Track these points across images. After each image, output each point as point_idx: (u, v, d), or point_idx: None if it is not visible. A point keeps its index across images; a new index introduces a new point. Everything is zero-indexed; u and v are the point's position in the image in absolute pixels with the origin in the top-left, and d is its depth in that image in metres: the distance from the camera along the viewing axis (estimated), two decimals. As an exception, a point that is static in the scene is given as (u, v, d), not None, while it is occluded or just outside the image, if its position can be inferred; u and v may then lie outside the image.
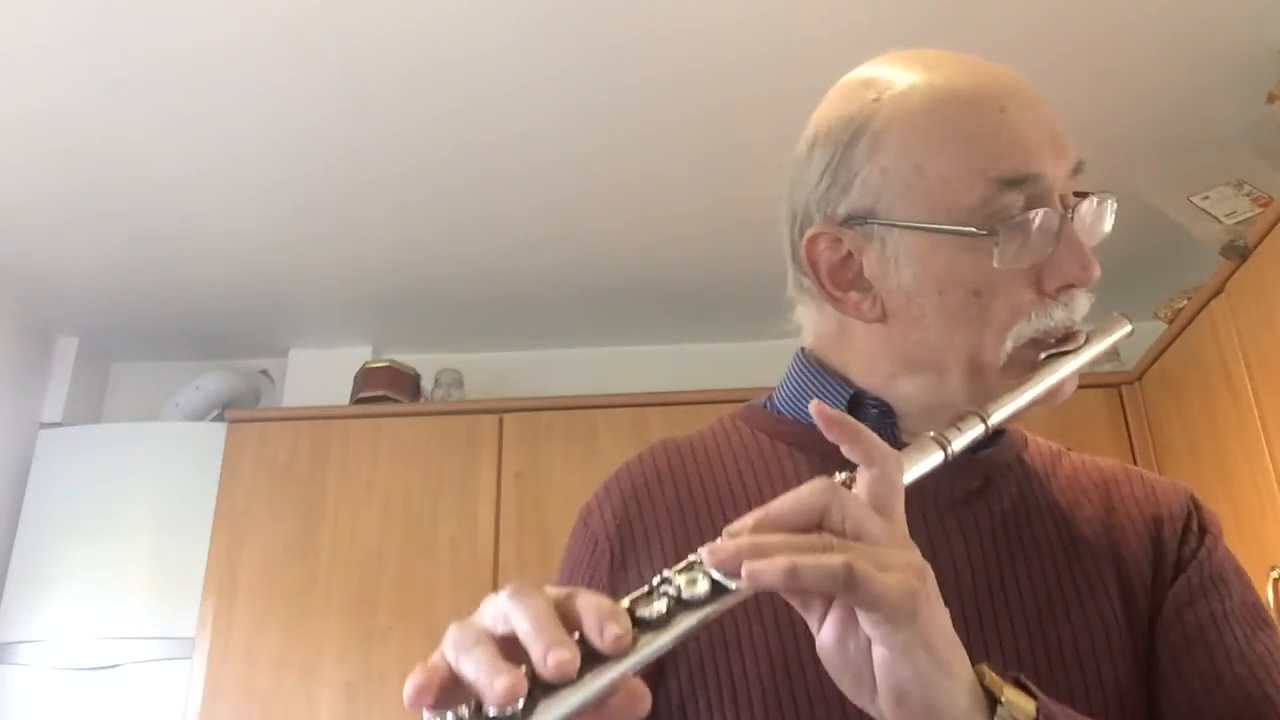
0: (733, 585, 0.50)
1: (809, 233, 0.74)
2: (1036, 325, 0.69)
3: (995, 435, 0.75)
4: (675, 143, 2.21)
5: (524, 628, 0.47)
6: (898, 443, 0.72)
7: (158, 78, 1.98)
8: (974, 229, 0.68)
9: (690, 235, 2.56)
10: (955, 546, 0.70)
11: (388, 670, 2.38)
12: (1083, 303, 0.71)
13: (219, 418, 2.83)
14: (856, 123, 0.72)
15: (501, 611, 0.49)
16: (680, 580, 0.51)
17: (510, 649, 0.47)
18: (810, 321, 0.79)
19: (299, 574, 2.50)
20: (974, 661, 0.55)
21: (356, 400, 2.78)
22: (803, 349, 0.81)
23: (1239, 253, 1.97)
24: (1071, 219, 0.70)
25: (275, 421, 2.71)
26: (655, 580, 0.51)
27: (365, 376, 2.82)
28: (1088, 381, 2.57)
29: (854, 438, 0.55)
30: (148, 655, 2.53)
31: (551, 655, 0.46)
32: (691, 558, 0.52)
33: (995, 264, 0.68)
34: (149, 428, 2.85)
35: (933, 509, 0.70)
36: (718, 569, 0.51)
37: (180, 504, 2.62)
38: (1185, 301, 2.25)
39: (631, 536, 0.74)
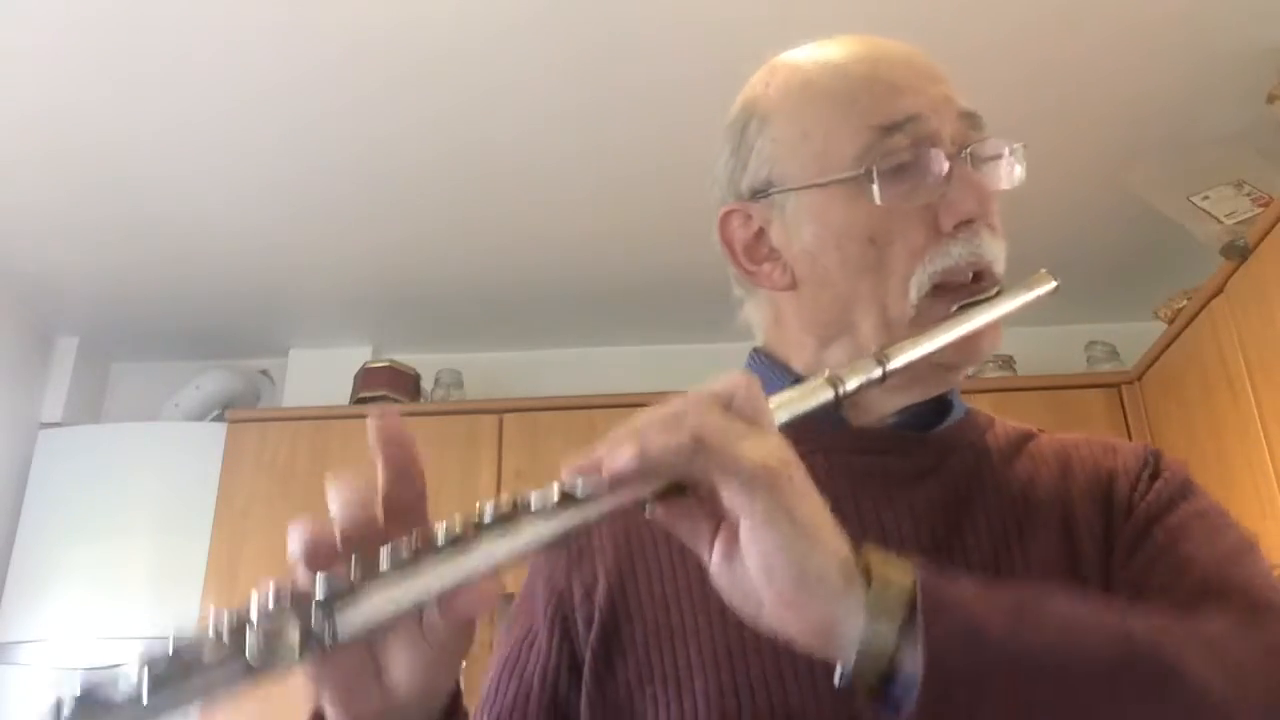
0: (579, 493, 0.51)
1: (720, 211, 0.77)
2: (935, 266, 0.69)
3: (946, 410, 0.75)
4: (675, 142, 2.20)
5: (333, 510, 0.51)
6: (843, 419, 0.73)
7: (158, 78, 1.98)
8: (852, 173, 0.70)
9: (690, 235, 2.53)
10: (904, 523, 0.69)
11: (388, 670, 2.37)
12: (988, 241, 0.70)
13: (219, 418, 2.84)
14: (750, 105, 0.78)
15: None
16: (533, 492, 0.51)
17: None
18: (751, 314, 0.81)
19: (299, 574, 2.50)
20: None
21: (356, 400, 2.78)
22: (756, 347, 0.82)
23: (1239, 253, 1.97)
24: (967, 160, 0.70)
25: (275, 421, 2.72)
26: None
27: (365, 376, 2.82)
28: (1088, 382, 2.60)
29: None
30: (148, 655, 2.53)
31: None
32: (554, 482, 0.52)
33: (878, 202, 0.68)
34: (149, 428, 2.86)
35: (881, 486, 0.70)
36: (578, 479, 0.51)
37: (180, 504, 2.62)
38: (1185, 301, 2.25)
39: (620, 580, 0.73)
